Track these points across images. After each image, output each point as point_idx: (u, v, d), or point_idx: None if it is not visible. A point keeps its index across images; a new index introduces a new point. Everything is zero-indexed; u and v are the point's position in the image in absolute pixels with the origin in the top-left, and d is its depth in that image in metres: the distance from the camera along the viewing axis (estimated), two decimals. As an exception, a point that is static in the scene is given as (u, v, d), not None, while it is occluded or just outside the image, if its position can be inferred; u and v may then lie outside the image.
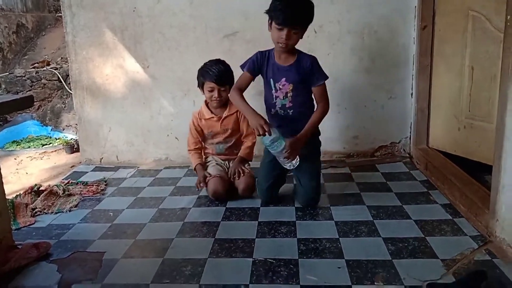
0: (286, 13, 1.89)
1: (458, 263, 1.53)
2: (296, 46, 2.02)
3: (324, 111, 2.04)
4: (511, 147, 1.54)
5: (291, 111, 2.05)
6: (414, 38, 2.68)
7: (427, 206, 2.05)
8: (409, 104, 2.78)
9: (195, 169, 2.39)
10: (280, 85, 2.04)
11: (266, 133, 1.86)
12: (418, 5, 2.59)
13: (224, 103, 2.35)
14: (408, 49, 2.71)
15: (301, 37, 2.00)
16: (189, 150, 2.45)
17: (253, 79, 2.11)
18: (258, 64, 2.08)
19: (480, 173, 2.23)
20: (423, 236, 1.75)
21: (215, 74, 2.26)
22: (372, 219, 1.93)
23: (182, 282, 1.51)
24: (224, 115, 2.35)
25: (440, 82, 2.53)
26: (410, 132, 2.82)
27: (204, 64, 2.34)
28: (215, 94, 2.29)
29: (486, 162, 2.11)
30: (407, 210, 2.01)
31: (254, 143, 2.40)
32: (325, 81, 2.03)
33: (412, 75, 2.73)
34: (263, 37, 2.72)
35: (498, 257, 1.55)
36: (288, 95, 2.04)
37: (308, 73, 2.02)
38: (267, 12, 1.97)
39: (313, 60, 2.04)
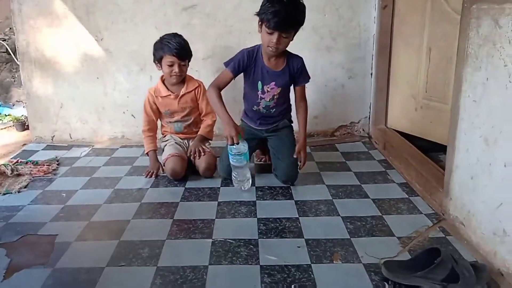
0: (278, 17, 1.84)
1: (413, 241, 1.57)
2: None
3: (307, 108, 2.17)
4: (465, 128, 1.58)
5: (273, 110, 2.14)
6: (374, 17, 2.68)
7: (385, 185, 2.10)
8: (369, 84, 2.81)
9: (147, 154, 2.31)
10: (268, 88, 2.07)
11: (234, 143, 1.91)
12: (380, -16, 2.59)
13: (182, 79, 2.28)
14: (368, 29, 2.72)
15: (292, 40, 1.98)
16: (143, 130, 2.35)
17: (233, 79, 2.08)
18: (244, 65, 2.05)
19: (435, 152, 2.30)
20: (381, 214, 1.79)
21: (176, 47, 2.16)
22: (331, 198, 1.95)
23: (139, 264, 1.47)
24: (182, 93, 2.28)
25: (399, 62, 2.57)
26: (369, 112, 2.85)
27: (161, 37, 2.23)
28: (176, 69, 2.20)
29: (441, 142, 2.17)
30: (365, 189, 2.04)
31: (214, 122, 2.35)
32: None
33: (372, 55, 2.75)
34: (223, 10, 2.67)
35: (451, 235, 1.61)
36: (275, 97, 2.10)
37: (296, 74, 2.08)
38: (258, 14, 1.92)
39: (302, 62, 2.10)
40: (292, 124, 2.25)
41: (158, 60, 2.24)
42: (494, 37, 1.39)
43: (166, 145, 2.32)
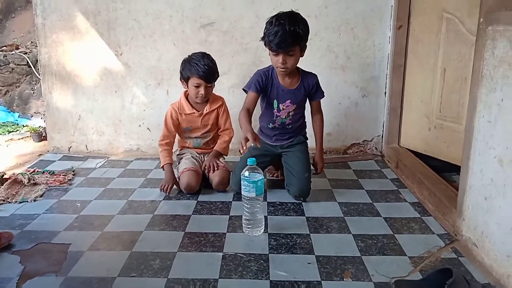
0: (278, 38, 1.87)
1: (425, 261, 1.56)
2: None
3: (323, 120, 2.25)
4: (479, 148, 1.58)
5: (289, 126, 2.19)
6: (389, 37, 2.71)
7: (397, 204, 2.08)
8: (382, 102, 2.82)
9: (162, 167, 2.27)
10: (284, 105, 2.13)
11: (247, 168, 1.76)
12: (395, 5, 2.61)
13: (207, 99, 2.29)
14: (383, 48, 2.74)
15: (302, 55, 2.02)
16: (160, 144, 2.31)
17: (258, 98, 2.13)
18: (263, 84, 2.10)
19: (448, 173, 2.29)
20: (392, 233, 1.77)
21: (203, 70, 2.15)
22: (343, 216, 1.94)
23: (150, 275, 1.48)
24: (205, 111, 2.30)
25: (413, 82, 2.57)
26: (383, 131, 2.85)
27: (190, 57, 2.23)
28: (202, 90, 2.19)
29: (455, 162, 2.16)
30: (377, 207, 2.03)
31: (231, 138, 2.38)
32: None
33: (386, 74, 2.77)
34: (240, 28, 2.72)
35: (464, 256, 1.59)
36: (290, 114, 2.15)
37: (311, 91, 2.14)
38: (262, 38, 1.97)
39: (316, 79, 2.15)
40: (306, 141, 2.29)
41: (184, 79, 2.24)
42: (510, 58, 1.39)
43: (182, 158, 2.34)
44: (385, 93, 2.80)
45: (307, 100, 2.20)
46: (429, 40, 2.38)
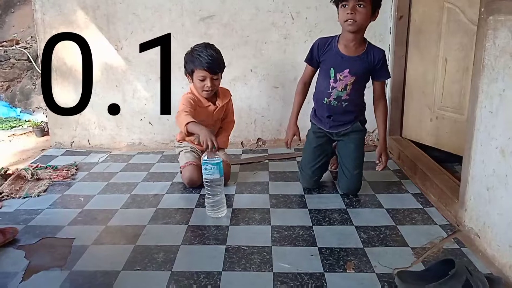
0: None
1: (427, 252, 1.56)
2: (275, 31, 1.99)
3: (387, 108, 2.08)
4: (481, 139, 1.58)
5: (346, 103, 1.99)
6: (390, 28, 2.69)
7: (399, 195, 2.09)
8: (384, 93, 2.80)
9: (186, 126, 1.97)
10: (341, 75, 1.94)
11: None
12: (395, -5, 2.60)
13: (215, 92, 2.22)
14: (384, 39, 2.72)
15: (374, 18, 1.87)
16: (182, 111, 2.07)
17: (315, 71, 2.05)
18: (318, 53, 1.98)
19: (450, 163, 2.29)
20: (394, 224, 1.78)
21: (207, 61, 2.06)
22: (345, 208, 1.95)
23: (154, 269, 1.49)
24: (216, 108, 2.23)
25: (414, 72, 2.56)
26: (384, 122, 2.84)
27: (192, 49, 2.15)
28: (208, 83, 2.11)
29: (457, 153, 2.16)
30: (379, 198, 2.04)
31: (231, 130, 2.37)
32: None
33: (387, 65, 2.75)
34: (240, 21, 2.71)
35: (466, 246, 1.60)
36: (348, 87, 1.96)
37: (376, 66, 1.96)
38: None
39: (383, 55, 1.97)
40: (364, 129, 2.12)
41: (189, 73, 2.18)
42: (511, 48, 1.39)
43: (182, 151, 2.33)
44: (387, 84, 2.78)
45: (370, 79, 2.02)
46: (430, 30, 2.37)
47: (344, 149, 2.09)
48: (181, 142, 2.40)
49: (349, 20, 1.82)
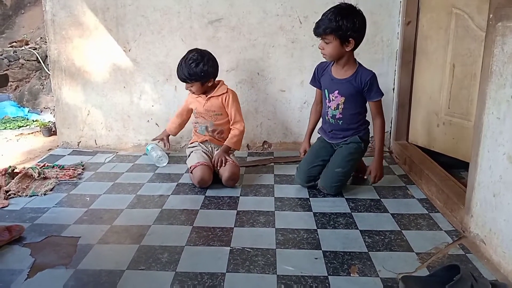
0: (316, 23, 2.02)
1: (432, 257, 1.56)
2: (282, 35, 2.01)
3: (383, 126, 2.16)
4: (488, 145, 1.57)
5: (341, 121, 2.16)
6: (398, 33, 2.69)
7: (405, 200, 2.08)
8: (391, 99, 2.80)
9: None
10: (333, 96, 2.13)
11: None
12: (403, 1, 2.60)
13: (210, 86, 2.36)
14: (391, 44, 2.72)
15: (346, 49, 2.01)
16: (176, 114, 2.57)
17: (321, 91, 2.24)
18: (318, 76, 2.22)
19: (457, 169, 2.28)
20: (400, 229, 1.77)
21: (180, 75, 2.30)
22: (350, 212, 1.95)
23: (158, 269, 1.49)
24: (209, 96, 2.36)
25: (421, 78, 2.56)
26: (391, 127, 2.84)
27: (184, 55, 2.32)
28: (188, 86, 2.35)
29: (463, 159, 2.15)
30: (384, 203, 2.03)
31: (241, 132, 2.37)
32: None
33: (395, 70, 2.76)
34: (247, 24, 2.72)
35: (472, 252, 1.59)
36: (339, 107, 2.13)
37: (364, 88, 2.08)
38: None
39: (372, 77, 2.08)
40: (361, 142, 2.18)
41: None
42: (519, 54, 1.39)
43: (192, 151, 2.36)
44: (394, 89, 2.79)
45: (366, 99, 2.14)
46: (438, 36, 2.37)
47: (336, 152, 2.20)
48: (192, 143, 2.45)
49: (322, 54, 2.07)
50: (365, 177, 2.18)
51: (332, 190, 2.11)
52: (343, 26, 1.95)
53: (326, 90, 2.16)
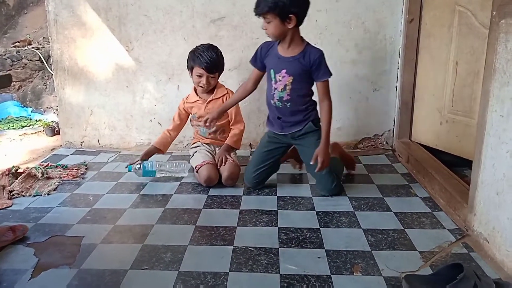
0: (255, 3, 1.95)
1: (436, 256, 1.55)
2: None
3: (330, 108, 2.02)
4: (491, 143, 1.56)
5: (289, 104, 2.03)
6: (401, 31, 2.68)
7: (407, 198, 2.08)
8: (393, 97, 2.80)
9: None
10: (280, 76, 2.02)
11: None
12: (406, -2, 2.59)
13: (211, 89, 2.36)
14: (394, 42, 2.72)
15: (288, 24, 1.91)
16: (166, 130, 2.48)
17: (262, 73, 2.11)
18: (262, 55, 2.08)
19: (460, 167, 2.27)
20: (403, 228, 1.77)
21: (206, 61, 2.24)
22: (353, 210, 1.94)
23: (161, 268, 1.50)
24: (209, 98, 2.35)
25: (424, 75, 2.55)
26: (394, 125, 2.84)
27: (196, 47, 2.32)
28: (203, 80, 2.28)
29: (467, 157, 2.14)
30: (387, 202, 2.03)
31: (242, 131, 2.38)
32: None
33: (398, 68, 2.75)
34: (249, 23, 2.71)
35: (475, 251, 1.58)
36: (287, 87, 2.01)
37: (312, 67, 1.99)
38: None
39: (320, 54, 1.99)
40: (317, 128, 2.08)
41: (189, 69, 2.35)
42: (522, 52, 1.38)
43: (196, 151, 2.37)
44: (397, 87, 2.78)
45: (313, 81, 2.04)
46: (441, 33, 2.36)
47: (304, 152, 2.12)
48: (195, 143, 2.46)
49: (266, 34, 2.00)
50: (312, 162, 2.01)
51: (334, 191, 2.09)
52: (280, 3, 1.87)
53: (272, 70, 2.03)
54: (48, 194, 2.16)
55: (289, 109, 2.05)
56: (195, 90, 2.40)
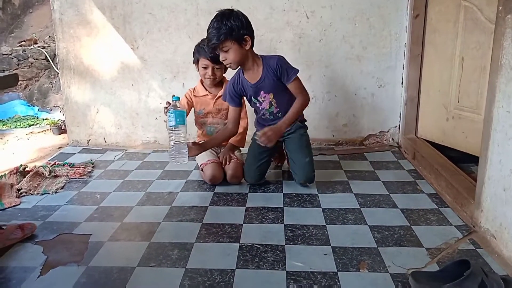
0: (208, 40, 2.00)
1: (442, 252, 1.55)
2: (289, 30, 2.00)
3: (303, 102, 2.10)
4: (498, 139, 1.56)
5: (280, 113, 2.15)
6: (406, 26, 2.67)
7: (414, 195, 2.07)
8: (399, 93, 2.79)
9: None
10: (261, 98, 2.13)
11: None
12: (411, -6, 2.58)
13: (218, 82, 2.36)
14: (399, 38, 2.70)
15: (245, 47, 1.99)
16: None
17: (239, 109, 2.20)
18: (236, 91, 2.16)
19: (466, 163, 2.26)
20: (409, 225, 1.77)
21: (210, 51, 2.20)
22: (359, 207, 1.94)
23: (168, 266, 1.51)
24: (219, 94, 2.35)
25: (430, 71, 2.54)
26: (399, 121, 2.83)
27: (202, 40, 2.31)
28: (209, 72, 2.28)
29: (473, 153, 2.13)
30: (394, 198, 2.02)
31: (245, 129, 2.39)
32: (298, 74, 2.07)
33: (403, 64, 2.73)
34: (254, 20, 2.70)
35: (482, 247, 1.58)
36: (272, 102, 2.13)
37: (277, 74, 2.06)
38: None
39: (279, 59, 2.06)
40: (304, 125, 2.26)
41: (195, 62, 2.34)
42: (529, 47, 1.37)
43: None
44: (402, 83, 2.77)
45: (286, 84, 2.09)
46: (446, 29, 2.34)
47: (291, 144, 2.21)
48: (200, 141, 2.43)
49: (227, 64, 2.06)
50: (259, 134, 2.04)
51: (312, 179, 2.16)
52: (234, 26, 1.94)
53: (252, 97, 2.14)
54: (55, 192, 2.17)
55: (280, 117, 2.14)
56: (202, 84, 2.40)
